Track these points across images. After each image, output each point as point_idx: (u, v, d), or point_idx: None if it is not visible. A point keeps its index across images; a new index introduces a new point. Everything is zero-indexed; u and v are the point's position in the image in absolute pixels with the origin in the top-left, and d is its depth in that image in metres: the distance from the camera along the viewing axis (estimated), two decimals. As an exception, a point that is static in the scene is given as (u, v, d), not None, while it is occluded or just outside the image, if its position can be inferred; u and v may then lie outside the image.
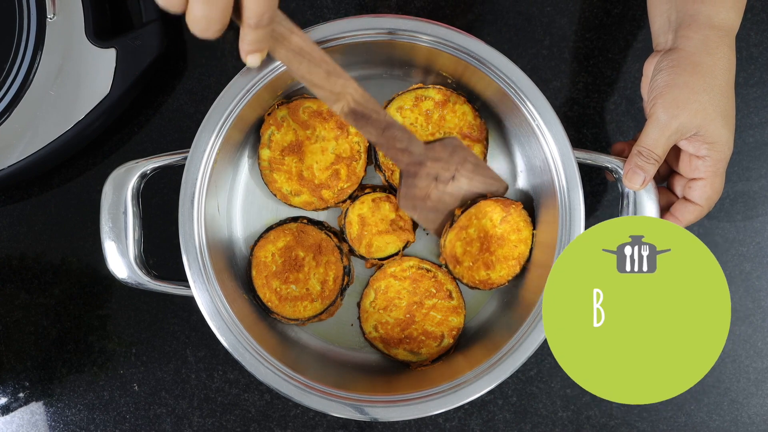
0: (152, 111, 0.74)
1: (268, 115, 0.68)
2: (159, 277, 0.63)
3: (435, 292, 0.69)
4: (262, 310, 0.68)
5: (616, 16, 0.75)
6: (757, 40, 0.75)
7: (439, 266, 0.69)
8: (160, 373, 0.72)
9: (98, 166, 0.74)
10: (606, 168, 0.64)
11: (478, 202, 0.66)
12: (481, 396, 0.61)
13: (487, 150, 0.70)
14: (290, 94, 0.68)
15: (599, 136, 0.74)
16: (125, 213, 0.62)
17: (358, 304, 0.70)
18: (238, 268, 0.69)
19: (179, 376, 0.72)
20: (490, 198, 0.67)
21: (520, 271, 0.68)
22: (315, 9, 0.75)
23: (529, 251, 0.67)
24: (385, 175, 0.69)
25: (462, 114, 0.69)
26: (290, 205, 0.69)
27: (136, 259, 0.62)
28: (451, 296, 0.69)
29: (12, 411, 0.72)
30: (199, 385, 0.72)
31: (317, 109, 0.68)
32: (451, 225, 0.67)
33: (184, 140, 0.66)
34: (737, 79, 0.62)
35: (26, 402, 0.72)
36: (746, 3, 0.63)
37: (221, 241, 0.67)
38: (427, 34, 0.62)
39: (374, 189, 0.69)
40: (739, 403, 0.72)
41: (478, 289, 0.68)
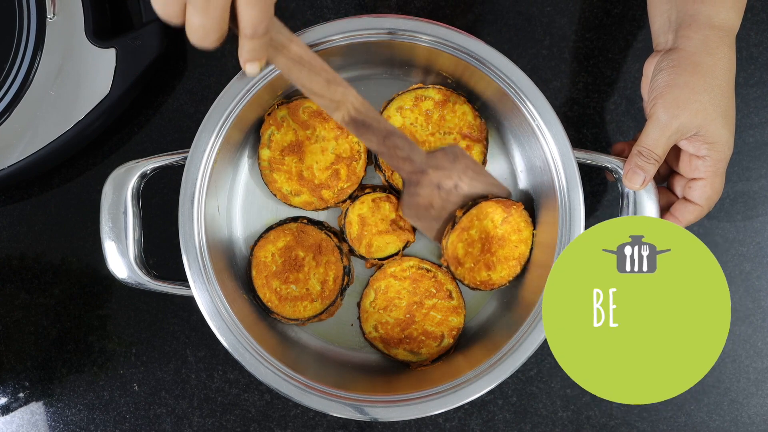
0: (152, 111, 0.74)
1: (268, 115, 0.68)
2: (159, 277, 0.63)
3: (435, 292, 0.69)
4: (262, 310, 0.68)
5: (616, 16, 0.75)
6: (757, 40, 0.75)
7: (439, 266, 0.69)
8: (160, 373, 0.72)
9: (98, 166, 0.74)
10: (606, 168, 0.64)
11: (479, 203, 0.66)
12: (481, 396, 0.61)
13: (487, 150, 0.70)
14: (290, 94, 0.68)
15: (599, 136, 0.74)
16: (125, 213, 0.62)
17: (358, 304, 0.70)
18: (238, 268, 0.69)
19: (179, 376, 0.72)
20: (491, 199, 0.67)
21: (521, 271, 0.68)
22: (315, 9, 0.75)
23: (530, 251, 0.67)
24: (385, 175, 0.69)
25: (462, 114, 0.69)
26: (290, 205, 0.69)
27: (136, 259, 0.62)
28: (451, 296, 0.69)
29: (12, 411, 0.72)
30: (199, 385, 0.72)
31: (317, 109, 0.68)
32: (452, 227, 0.67)
33: (184, 140, 0.66)
34: (737, 79, 0.62)
35: (26, 402, 0.72)
36: (746, 3, 0.63)
37: (221, 241, 0.67)
38: (427, 34, 0.62)
39: (374, 189, 0.69)
40: (739, 403, 0.72)
41: (479, 290, 0.68)
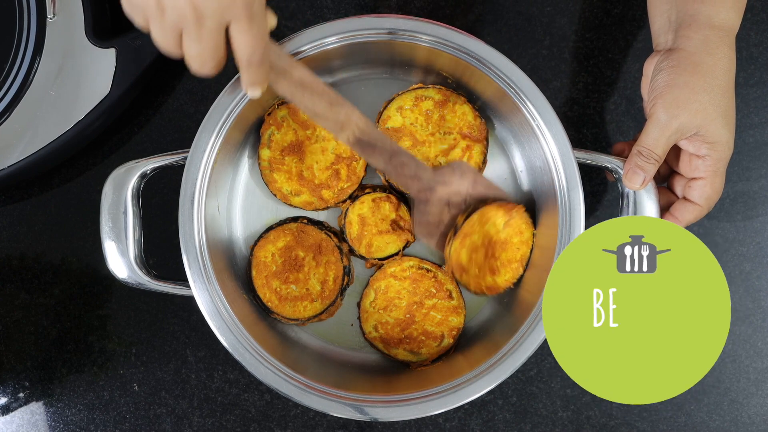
0: (152, 111, 0.74)
1: (268, 115, 0.68)
2: (159, 277, 0.63)
3: (435, 292, 0.68)
4: (262, 310, 0.68)
5: (616, 16, 0.75)
6: (757, 40, 0.75)
7: (439, 266, 0.69)
8: (160, 373, 0.72)
9: (98, 166, 0.74)
10: (606, 168, 0.64)
11: (480, 208, 0.66)
12: (481, 396, 0.61)
13: (487, 150, 0.70)
14: (290, 94, 0.68)
15: (599, 136, 0.74)
16: (125, 213, 0.62)
17: (358, 304, 0.70)
18: (238, 268, 0.69)
19: (179, 376, 0.72)
20: (491, 203, 0.66)
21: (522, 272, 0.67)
22: (315, 9, 0.75)
23: (530, 252, 0.67)
24: (384, 175, 0.69)
25: (462, 114, 0.69)
26: (290, 205, 0.69)
27: (136, 259, 0.62)
28: (451, 296, 0.69)
29: (12, 411, 0.72)
30: (199, 385, 0.72)
31: (317, 109, 0.68)
32: (454, 234, 0.66)
33: (184, 140, 0.66)
34: (737, 79, 0.62)
35: (26, 402, 0.72)
36: (746, 3, 0.63)
37: (221, 241, 0.67)
38: (427, 34, 0.63)
39: (374, 189, 0.69)
40: (739, 403, 0.72)
41: (485, 295, 0.67)
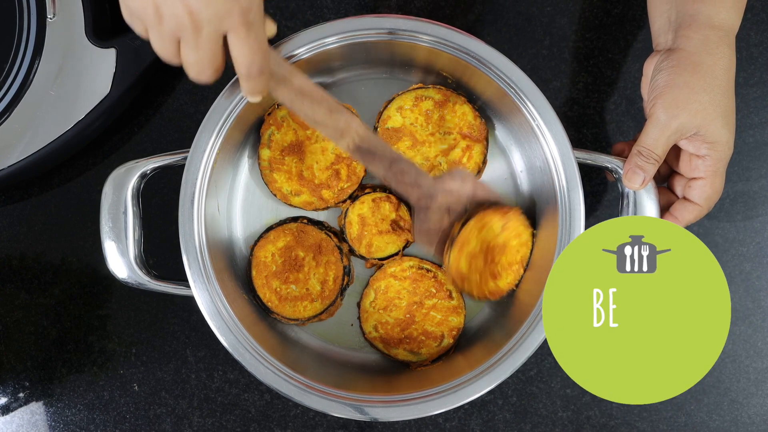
0: (152, 111, 0.74)
1: (268, 115, 0.68)
2: (159, 277, 0.63)
3: (435, 292, 0.68)
4: (262, 310, 0.68)
5: (616, 16, 0.75)
6: (757, 40, 0.75)
7: (439, 266, 0.69)
8: (160, 373, 0.72)
9: (98, 166, 0.74)
10: (606, 168, 0.64)
11: (475, 215, 0.65)
12: (481, 396, 0.61)
13: (487, 150, 0.70)
14: (290, 94, 0.68)
15: (599, 136, 0.74)
16: (125, 213, 0.62)
17: (358, 304, 0.70)
18: (238, 268, 0.69)
19: (179, 376, 0.72)
20: (486, 209, 0.65)
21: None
22: (315, 9, 0.75)
23: (530, 252, 0.67)
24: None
25: (462, 114, 0.69)
26: (290, 205, 0.69)
27: (136, 259, 0.62)
28: (451, 296, 0.69)
29: (12, 411, 0.72)
30: (199, 385, 0.72)
31: (317, 109, 0.68)
32: (451, 244, 0.65)
33: (184, 140, 0.66)
34: (737, 79, 0.62)
35: (26, 402, 0.72)
36: (746, 3, 0.63)
37: (221, 241, 0.67)
38: (427, 34, 0.63)
39: (374, 189, 0.69)
40: (739, 403, 0.72)
41: (488, 299, 0.67)
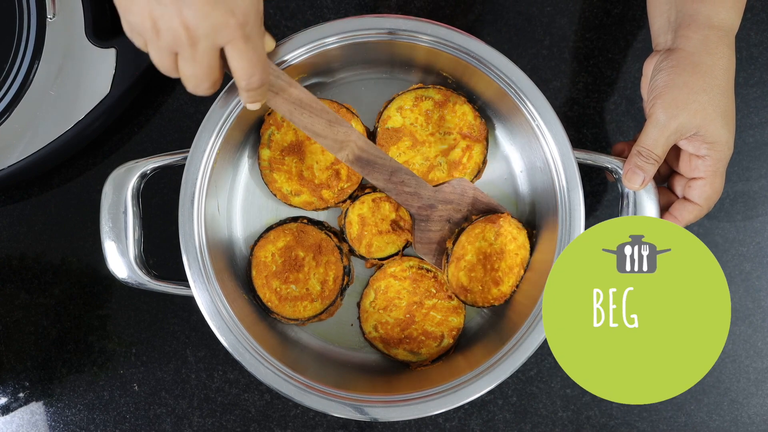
0: (152, 111, 0.74)
1: (268, 114, 0.68)
2: (159, 277, 0.63)
3: (435, 292, 0.68)
4: (262, 310, 0.68)
5: (616, 16, 0.75)
6: (757, 40, 0.75)
7: (440, 267, 0.69)
8: (160, 373, 0.72)
9: (98, 166, 0.74)
10: (606, 168, 0.64)
11: (465, 228, 0.65)
12: (481, 396, 0.61)
13: (487, 150, 0.70)
14: (290, 94, 0.68)
15: (599, 136, 0.74)
16: (125, 213, 0.62)
17: (358, 304, 0.70)
18: (238, 268, 0.69)
19: (179, 376, 0.72)
20: (476, 221, 0.66)
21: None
22: (315, 9, 0.75)
23: (530, 253, 0.67)
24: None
25: (462, 114, 0.69)
26: (290, 205, 0.69)
27: (136, 259, 0.62)
28: (451, 296, 0.69)
29: (12, 411, 0.72)
30: (199, 385, 0.72)
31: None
32: (447, 260, 0.66)
33: (184, 140, 0.66)
34: (737, 79, 0.62)
35: (26, 402, 0.72)
36: (746, 3, 0.63)
37: (221, 241, 0.67)
38: (427, 34, 0.63)
39: (374, 189, 0.69)
40: (739, 403, 0.72)
41: (493, 306, 0.67)
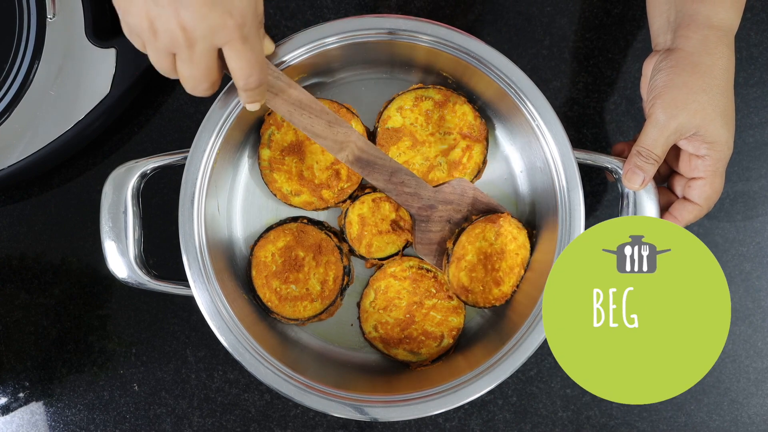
0: (152, 111, 0.74)
1: (268, 114, 0.68)
2: (159, 277, 0.63)
3: (435, 292, 0.68)
4: (262, 310, 0.68)
5: (616, 16, 0.75)
6: (757, 40, 0.75)
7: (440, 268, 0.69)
8: (160, 373, 0.72)
9: (98, 166, 0.74)
10: (606, 168, 0.64)
11: (465, 229, 0.66)
12: (481, 396, 0.61)
13: (487, 150, 0.70)
14: (290, 94, 0.68)
15: (599, 136, 0.74)
16: (125, 213, 0.62)
17: (358, 304, 0.70)
18: (238, 268, 0.69)
19: (179, 376, 0.72)
20: (476, 221, 0.66)
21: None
22: (315, 9, 0.75)
23: (530, 253, 0.67)
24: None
25: (462, 114, 0.69)
26: (290, 205, 0.69)
27: (136, 259, 0.62)
28: (451, 296, 0.69)
29: (12, 411, 0.72)
30: (199, 385, 0.72)
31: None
32: (448, 260, 0.66)
33: (184, 140, 0.66)
34: (737, 79, 0.62)
35: (26, 402, 0.72)
36: (746, 3, 0.63)
37: (221, 241, 0.67)
38: (427, 34, 0.63)
39: (374, 189, 0.69)
40: (739, 403, 0.72)
41: (495, 306, 0.67)
